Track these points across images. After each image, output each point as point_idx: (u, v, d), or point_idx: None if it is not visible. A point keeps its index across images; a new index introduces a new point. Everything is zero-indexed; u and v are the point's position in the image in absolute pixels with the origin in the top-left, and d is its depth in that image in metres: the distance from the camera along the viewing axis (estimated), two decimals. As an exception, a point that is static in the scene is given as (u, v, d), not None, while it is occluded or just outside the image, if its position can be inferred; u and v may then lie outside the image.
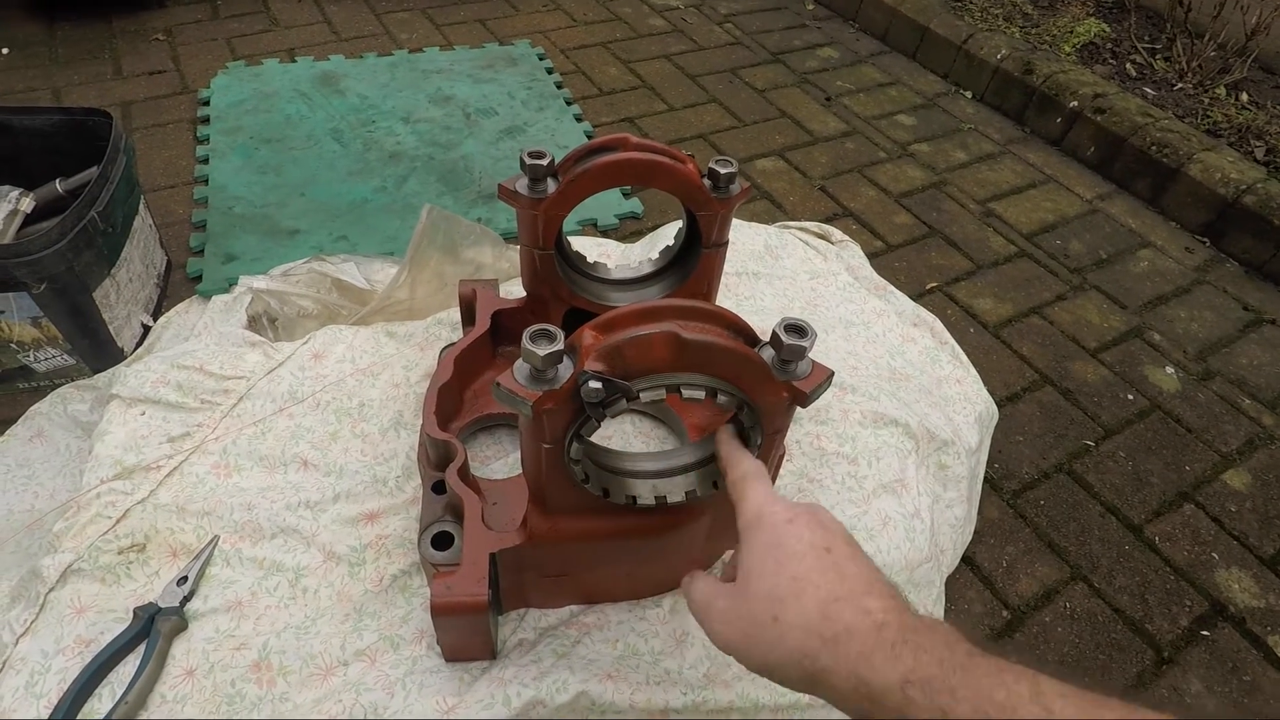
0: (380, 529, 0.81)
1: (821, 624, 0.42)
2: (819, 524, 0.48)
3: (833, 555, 0.45)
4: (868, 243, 1.57)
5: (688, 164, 0.77)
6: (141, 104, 1.74)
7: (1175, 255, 1.65)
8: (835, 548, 0.46)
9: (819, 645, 0.41)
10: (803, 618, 0.42)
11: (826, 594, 0.43)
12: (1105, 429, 1.26)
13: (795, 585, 0.44)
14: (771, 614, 0.44)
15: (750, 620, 0.45)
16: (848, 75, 2.16)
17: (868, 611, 0.41)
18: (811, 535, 0.47)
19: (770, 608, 0.44)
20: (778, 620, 0.43)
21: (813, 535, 0.47)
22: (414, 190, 1.54)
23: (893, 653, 0.39)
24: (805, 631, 0.42)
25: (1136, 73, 2.16)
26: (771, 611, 0.44)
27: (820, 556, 0.45)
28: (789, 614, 0.43)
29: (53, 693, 0.67)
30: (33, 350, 1.06)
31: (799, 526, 0.47)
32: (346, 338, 1.00)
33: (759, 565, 0.46)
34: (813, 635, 0.42)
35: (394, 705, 0.67)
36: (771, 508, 0.49)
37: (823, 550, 0.46)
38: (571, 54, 2.08)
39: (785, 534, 0.47)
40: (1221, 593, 1.05)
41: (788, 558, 0.46)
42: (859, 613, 0.41)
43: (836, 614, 0.42)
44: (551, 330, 0.52)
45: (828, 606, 0.42)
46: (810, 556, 0.45)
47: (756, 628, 0.45)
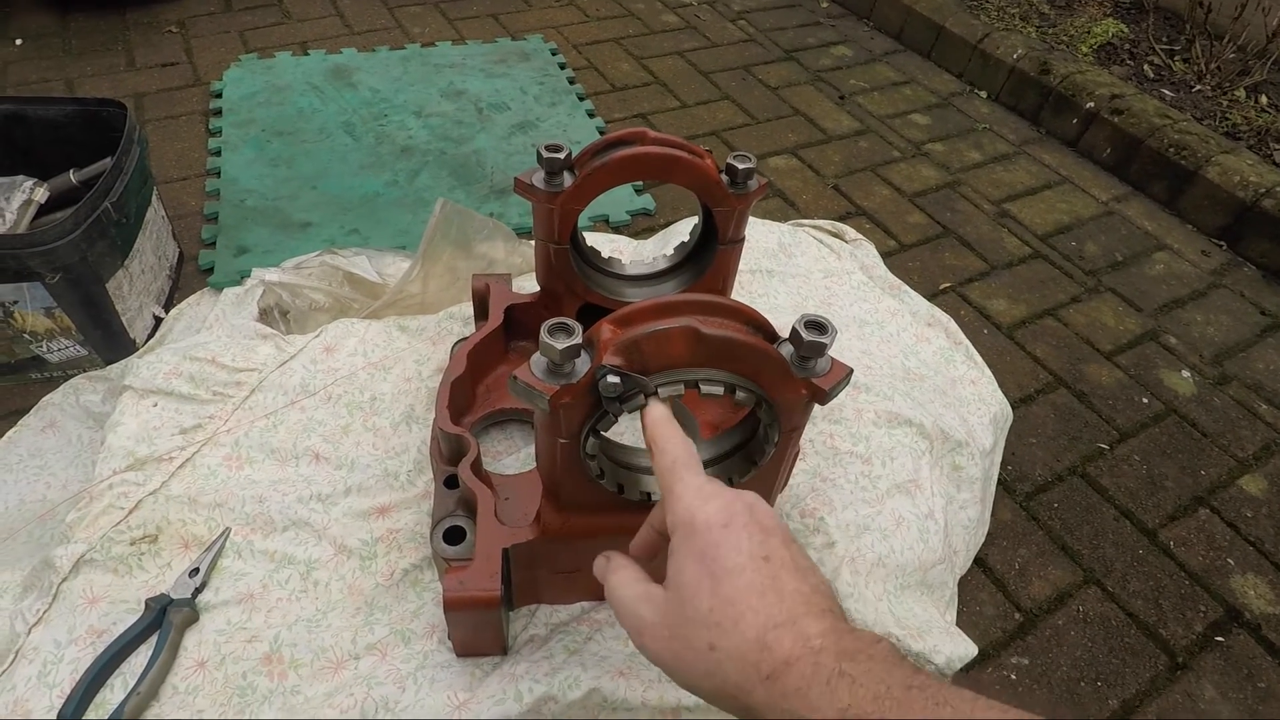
0: (391, 523, 0.81)
1: (760, 656, 0.39)
2: (757, 526, 0.44)
3: (771, 566, 0.42)
4: (881, 242, 1.56)
5: (706, 159, 0.76)
6: (154, 96, 1.74)
7: (1192, 258, 1.64)
8: (773, 554, 0.43)
9: (755, 681, 0.39)
10: (740, 649, 0.40)
11: (765, 619, 0.40)
12: (1120, 432, 1.25)
13: (732, 610, 0.41)
14: (708, 642, 0.41)
15: (685, 644, 0.42)
16: (862, 74, 2.15)
17: (806, 638, 0.39)
18: (750, 543, 0.43)
19: (706, 634, 0.41)
20: (714, 649, 0.41)
21: (751, 543, 0.43)
22: (426, 184, 1.54)
23: (828, 687, 0.37)
24: (743, 664, 0.40)
25: (1154, 74, 2.14)
26: (708, 639, 0.41)
27: (759, 569, 0.42)
28: (725, 644, 0.40)
29: (65, 683, 0.67)
30: (46, 341, 1.06)
31: (735, 532, 0.43)
32: (358, 331, 1.00)
33: (693, 580, 0.43)
34: (750, 669, 0.39)
35: (405, 699, 0.67)
36: (705, 508, 0.45)
37: (761, 560, 0.42)
38: (584, 49, 2.08)
39: (721, 542, 0.43)
40: (1237, 599, 1.04)
41: (725, 574, 0.42)
42: (798, 640, 0.39)
43: (775, 644, 0.39)
44: (569, 324, 0.51)
45: (766, 634, 0.40)
46: (749, 571, 0.42)
47: (691, 653, 0.42)
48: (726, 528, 0.44)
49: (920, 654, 0.77)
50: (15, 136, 1.20)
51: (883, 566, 0.83)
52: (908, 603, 0.82)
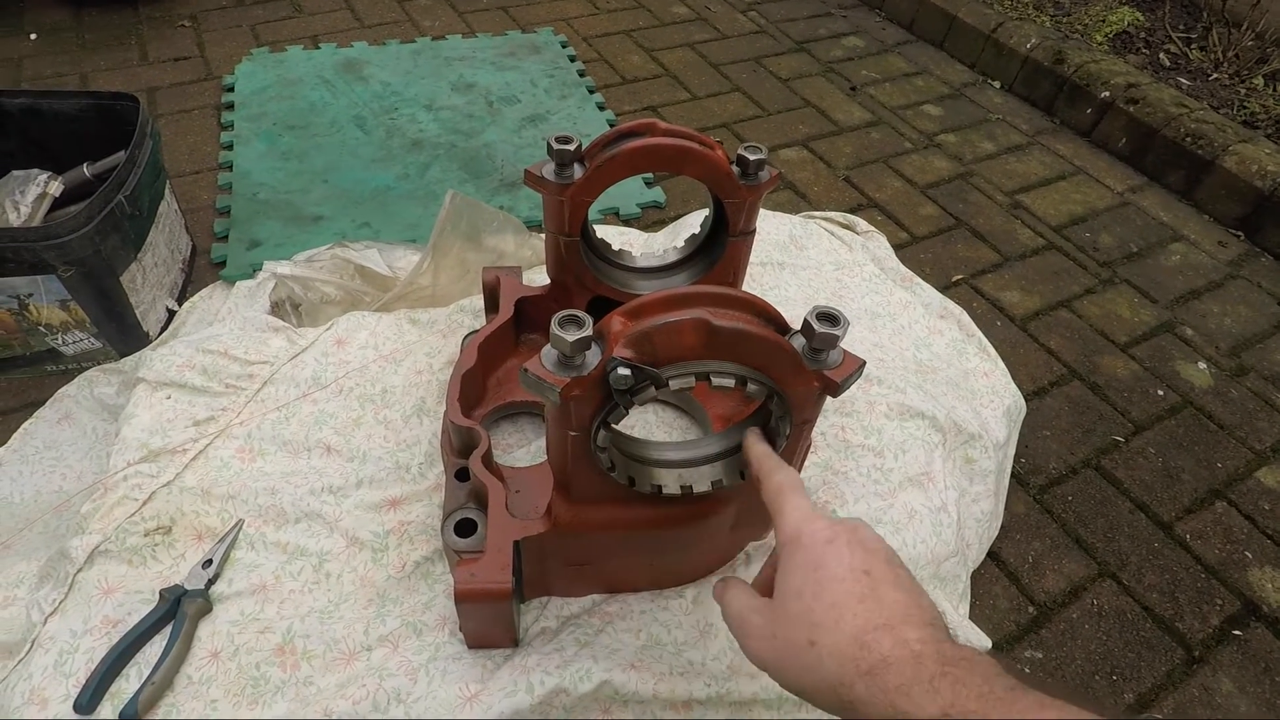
0: (403, 515, 0.81)
1: (859, 653, 0.41)
2: (860, 544, 0.46)
3: (872, 579, 0.44)
4: (893, 234, 1.55)
5: (716, 150, 0.76)
6: (167, 90, 1.74)
7: (1208, 249, 1.62)
8: (875, 570, 0.45)
9: (855, 675, 0.40)
10: (839, 646, 0.42)
11: (865, 622, 0.42)
12: (1135, 425, 1.24)
13: (833, 611, 0.43)
14: (808, 639, 0.43)
15: (786, 643, 0.45)
16: (873, 64, 2.13)
17: (905, 642, 0.41)
18: (852, 557, 0.45)
19: (807, 632, 0.43)
20: (814, 645, 0.43)
21: (853, 557, 0.45)
22: (436, 178, 1.54)
23: (931, 686, 0.38)
24: (841, 660, 0.41)
25: (1171, 63, 2.11)
26: (808, 636, 0.43)
27: (859, 580, 0.44)
28: (825, 641, 0.42)
29: (81, 672, 0.68)
30: (61, 333, 1.07)
31: (839, 547, 0.46)
32: (369, 324, 1.00)
33: (797, 586, 0.46)
34: (849, 664, 0.41)
35: (417, 691, 0.67)
36: (812, 526, 0.48)
37: (862, 574, 0.45)
38: (594, 42, 2.07)
39: (825, 555, 0.46)
40: (1254, 592, 1.03)
41: (827, 580, 0.45)
42: (897, 643, 0.41)
43: (874, 643, 0.41)
44: (580, 316, 0.51)
45: (865, 635, 0.41)
46: (849, 580, 0.44)
47: (792, 650, 0.44)
48: (830, 543, 0.46)
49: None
50: (30, 130, 1.21)
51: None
52: (920, 596, 0.82)
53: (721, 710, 0.71)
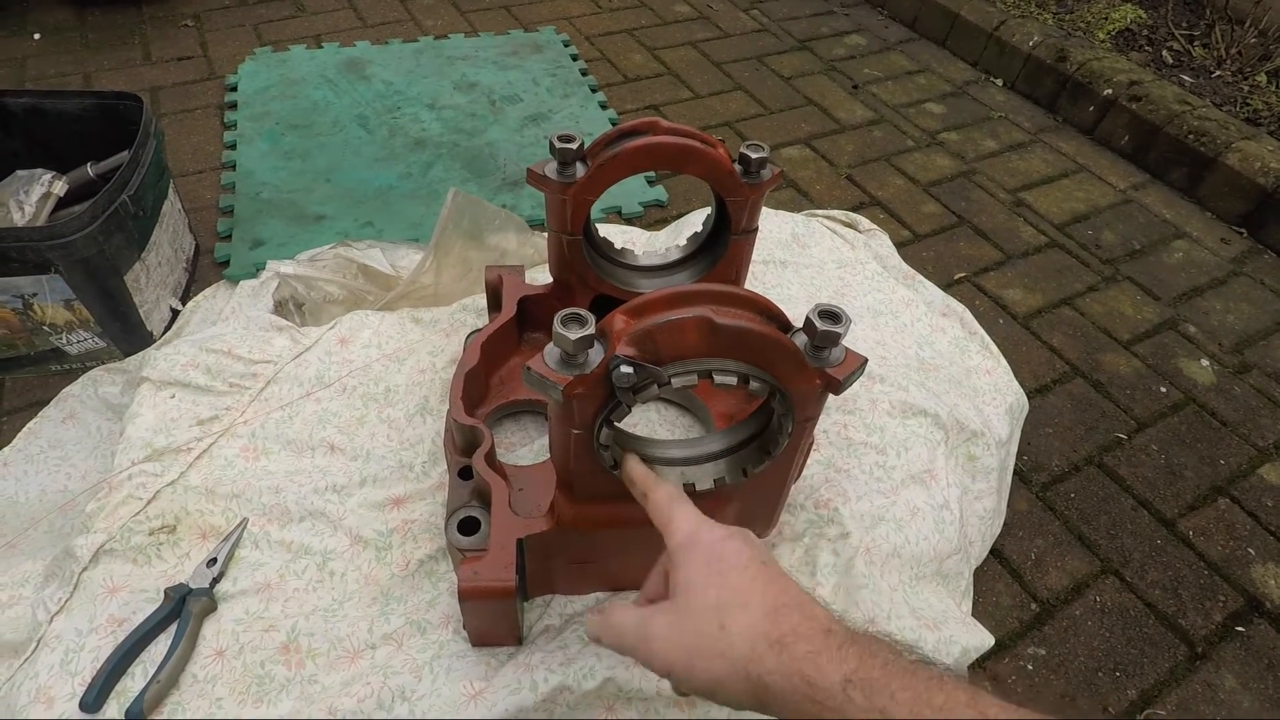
0: (406, 514, 0.81)
1: (770, 626, 0.42)
2: (753, 543, 0.49)
3: (770, 569, 0.46)
4: (895, 232, 1.55)
5: (718, 148, 0.76)
6: (170, 89, 1.75)
7: (1211, 246, 1.62)
8: (770, 563, 0.47)
9: (766, 648, 0.42)
10: (750, 622, 0.43)
11: (773, 600, 0.44)
12: (1138, 422, 1.24)
13: (741, 594, 0.44)
14: (718, 622, 0.44)
15: (695, 633, 0.45)
16: (875, 63, 2.13)
17: (814, 617, 0.43)
18: (750, 550, 0.47)
19: (717, 616, 0.44)
20: (725, 628, 0.43)
21: (751, 551, 0.48)
22: (439, 177, 1.54)
23: (839, 654, 0.40)
24: (753, 635, 0.42)
25: (1173, 60, 2.11)
26: (718, 620, 0.44)
27: (760, 569, 0.46)
28: (737, 621, 0.43)
29: (86, 670, 0.68)
30: (65, 333, 1.07)
31: (736, 543, 0.48)
32: (372, 323, 1.00)
33: (700, 579, 0.47)
34: (760, 639, 0.42)
35: (421, 688, 0.67)
36: (707, 526, 0.50)
37: (761, 565, 0.47)
38: (596, 41, 2.07)
39: (725, 549, 0.48)
40: (1257, 588, 1.03)
41: (730, 569, 0.46)
42: (806, 617, 0.42)
43: (785, 617, 0.42)
44: (583, 314, 0.51)
45: (776, 611, 0.43)
46: (752, 568, 0.46)
47: (703, 639, 0.44)
48: (728, 539, 0.49)
49: (936, 644, 0.77)
50: (34, 130, 1.21)
51: (898, 557, 0.82)
52: (923, 593, 0.82)
53: (724, 708, 0.71)
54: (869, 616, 0.76)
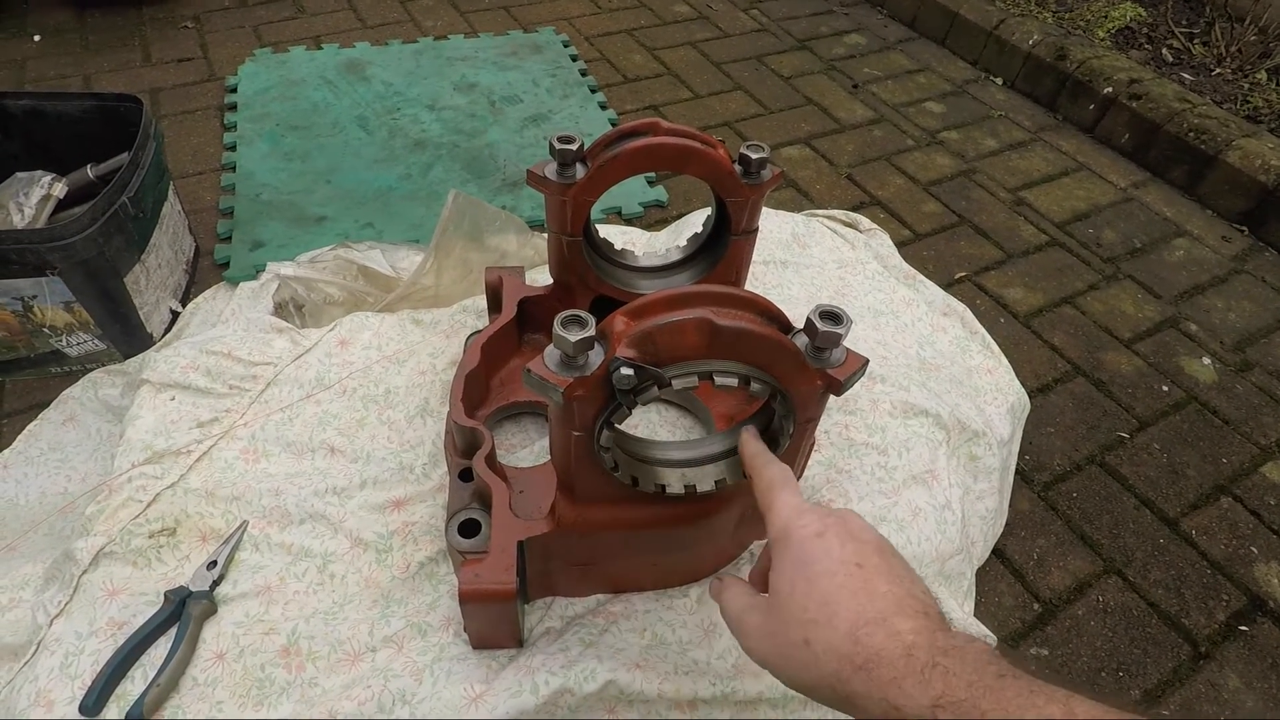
0: (407, 516, 0.81)
1: (853, 649, 0.41)
2: (850, 537, 0.47)
3: (864, 571, 0.45)
4: (896, 231, 1.54)
5: (718, 149, 0.75)
6: (170, 91, 1.75)
7: (1212, 244, 1.62)
8: (867, 562, 0.45)
9: (850, 671, 0.41)
10: (833, 643, 0.42)
11: (856, 616, 0.42)
12: (1139, 421, 1.23)
13: (825, 609, 0.43)
14: (803, 637, 0.44)
15: (784, 641, 0.45)
16: (875, 62, 2.13)
17: (898, 634, 0.41)
18: (842, 550, 0.46)
19: (802, 631, 0.44)
20: (809, 644, 0.43)
21: (843, 551, 0.46)
22: (439, 178, 1.54)
23: (922, 677, 0.38)
24: (837, 657, 0.42)
25: (1173, 58, 2.11)
26: (803, 635, 0.44)
27: (851, 575, 0.44)
28: (820, 638, 0.43)
29: (86, 674, 0.68)
30: (65, 335, 1.07)
31: (829, 541, 0.46)
32: (373, 325, 1.00)
33: (789, 584, 0.46)
34: (844, 661, 0.41)
35: (422, 691, 0.67)
36: (800, 520, 0.48)
37: (854, 567, 0.45)
38: (596, 41, 2.07)
39: (814, 551, 0.46)
40: (1260, 587, 1.03)
41: (817, 577, 0.45)
42: (889, 636, 0.41)
43: (867, 638, 0.41)
44: (583, 316, 0.51)
45: (858, 631, 0.42)
46: (841, 575, 0.44)
47: (789, 649, 0.44)
48: (820, 536, 0.47)
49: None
50: (33, 132, 1.21)
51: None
52: (925, 594, 0.82)
53: (726, 709, 0.71)
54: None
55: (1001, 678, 0.37)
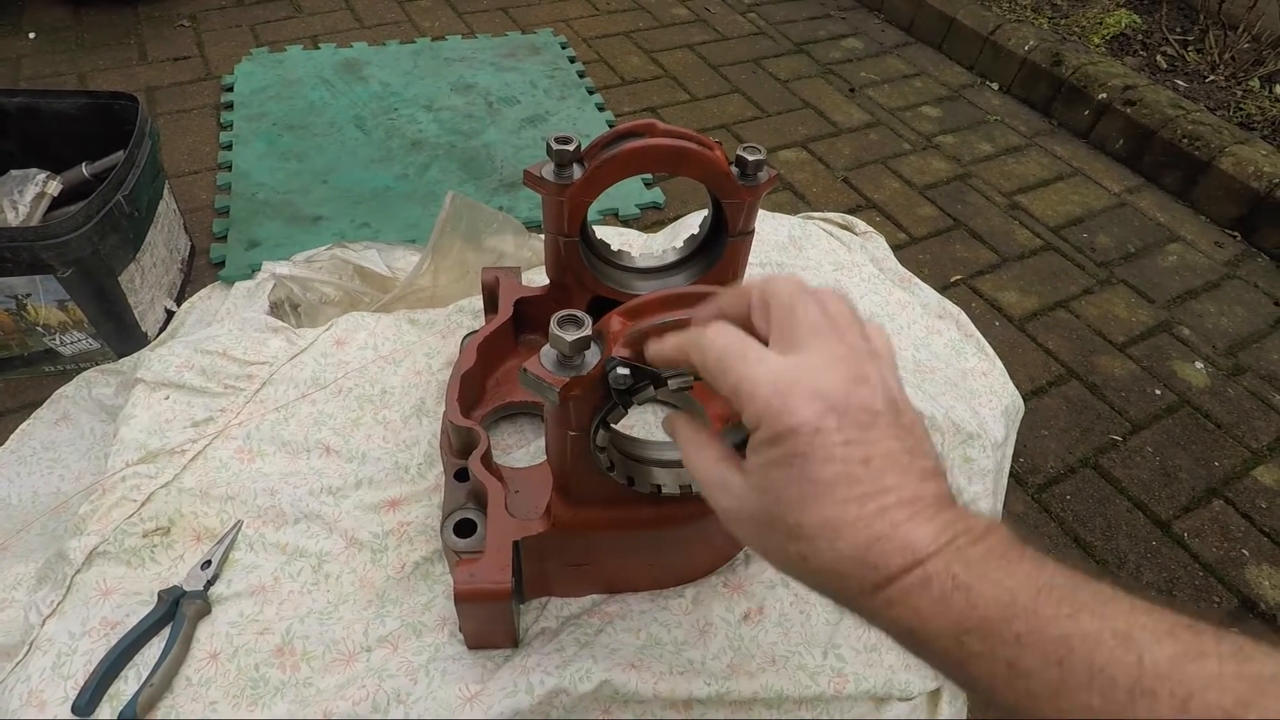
0: (402, 516, 0.81)
1: (862, 572, 0.35)
2: (854, 424, 0.36)
3: (872, 469, 0.36)
4: (891, 235, 1.55)
5: (715, 150, 0.76)
6: (166, 89, 1.74)
7: (1205, 249, 1.62)
8: (875, 453, 0.36)
9: (857, 592, 0.35)
10: (838, 565, 0.35)
11: (867, 535, 0.35)
12: (1133, 424, 1.24)
13: (829, 529, 0.35)
14: (800, 554, 0.36)
15: (776, 548, 0.38)
16: (872, 66, 2.13)
17: (913, 549, 0.34)
18: (846, 449, 0.36)
19: (797, 547, 0.36)
20: (808, 561, 0.36)
21: (847, 449, 0.36)
22: (436, 178, 1.54)
23: (943, 601, 0.33)
24: (842, 579, 0.36)
25: (1168, 65, 2.12)
26: (800, 551, 0.36)
27: (856, 480, 0.35)
28: (821, 560, 0.36)
29: (79, 674, 0.68)
30: (59, 333, 1.07)
31: (827, 437, 0.36)
32: (369, 324, 1.00)
33: (780, 487, 0.37)
34: (850, 583, 0.35)
35: (417, 691, 0.67)
36: (789, 406, 0.36)
37: (860, 465, 0.36)
38: (594, 43, 2.07)
39: (812, 450, 0.36)
40: (1252, 589, 1.03)
41: (817, 489, 0.36)
42: (904, 552, 0.34)
43: (879, 559, 0.34)
44: (579, 316, 0.51)
45: (868, 552, 0.35)
46: (843, 484, 0.35)
47: (782, 555, 0.38)
48: (818, 433, 0.36)
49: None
50: (28, 129, 1.20)
51: (894, 559, 0.82)
52: (919, 596, 0.82)
53: (722, 709, 0.71)
54: (865, 619, 0.77)
55: (1038, 592, 0.32)
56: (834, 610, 0.77)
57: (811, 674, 0.71)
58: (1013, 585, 0.32)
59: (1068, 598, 0.31)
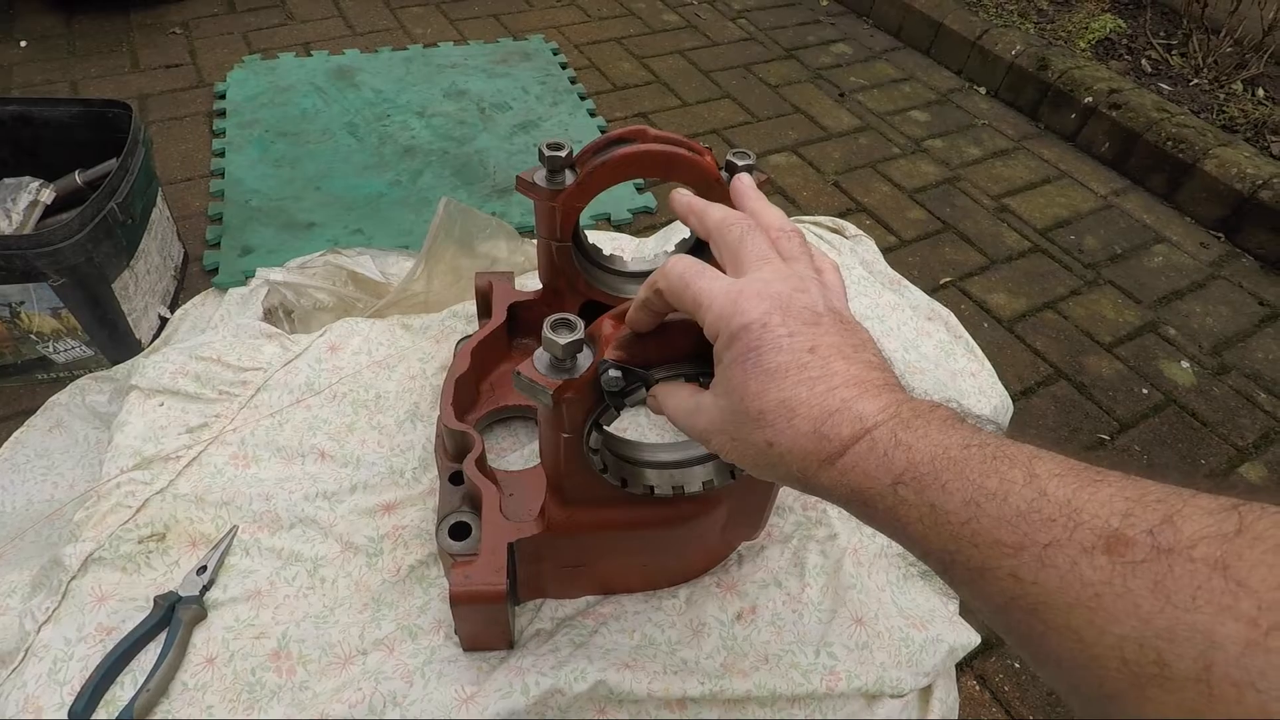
0: (397, 520, 0.81)
1: (817, 446, 0.39)
2: (797, 319, 0.42)
3: (818, 356, 0.41)
4: (881, 238, 1.56)
5: (706, 156, 0.76)
6: (158, 97, 1.74)
7: (1190, 250, 1.64)
8: (820, 343, 0.41)
9: (815, 467, 0.39)
10: (797, 443, 0.40)
11: (819, 411, 0.39)
12: (1120, 423, 1.25)
13: (783, 410, 0.40)
14: (764, 439, 0.41)
15: (745, 443, 0.42)
16: (861, 71, 2.15)
17: (861, 420, 0.38)
18: (792, 340, 0.41)
19: (762, 434, 0.41)
20: (772, 446, 0.41)
21: (793, 340, 0.41)
22: (429, 184, 1.54)
23: (886, 459, 0.37)
24: (801, 455, 0.39)
25: (1152, 68, 2.14)
26: (764, 437, 0.41)
27: (805, 365, 0.40)
28: (783, 440, 0.40)
29: (75, 680, 0.68)
30: (52, 341, 1.07)
31: (773, 330, 0.41)
32: (363, 330, 1.00)
33: (740, 384, 0.42)
34: (809, 458, 0.39)
35: (413, 693, 0.68)
36: (738, 307, 0.42)
37: (807, 354, 0.41)
38: (585, 49, 2.08)
39: (762, 343, 0.41)
40: (1238, 589, 1.05)
41: (770, 376, 0.41)
42: (854, 423, 0.38)
43: (832, 431, 0.39)
44: (572, 319, 0.52)
45: (822, 425, 0.39)
46: (793, 369, 0.40)
47: (752, 449, 0.42)
48: (765, 327, 0.42)
49: (923, 642, 0.77)
50: (21, 137, 1.21)
51: (885, 557, 0.83)
52: (911, 592, 0.83)
53: (715, 708, 0.71)
54: (857, 615, 0.77)
55: (966, 448, 0.35)
56: (827, 609, 0.77)
57: (804, 672, 0.72)
58: (946, 442, 0.36)
59: (994, 453, 0.34)
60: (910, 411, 0.38)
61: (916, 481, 0.35)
